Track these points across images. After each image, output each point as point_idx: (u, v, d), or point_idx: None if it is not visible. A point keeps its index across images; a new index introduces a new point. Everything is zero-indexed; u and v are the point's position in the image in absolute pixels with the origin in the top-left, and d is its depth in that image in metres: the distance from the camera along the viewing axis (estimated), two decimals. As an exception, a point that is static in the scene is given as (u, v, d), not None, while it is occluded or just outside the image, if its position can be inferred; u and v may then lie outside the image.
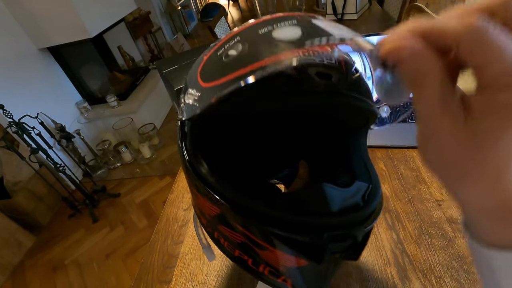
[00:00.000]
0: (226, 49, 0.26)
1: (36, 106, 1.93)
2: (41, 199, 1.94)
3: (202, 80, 0.27)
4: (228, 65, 0.25)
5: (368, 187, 0.35)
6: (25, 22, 1.92)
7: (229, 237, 0.32)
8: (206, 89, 0.26)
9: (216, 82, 0.25)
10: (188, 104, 0.29)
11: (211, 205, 0.30)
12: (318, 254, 0.28)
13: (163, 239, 0.66)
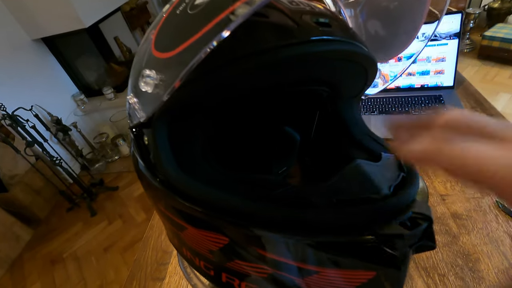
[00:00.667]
0: (189, 1, 0.20)
1: (31, 98, 1.89)
2: (38, 192, 1.93)
3: (159, 51, 0.20)
4: (196, 18, 0.18)
5: (393, 155, 0.27)
6: (18, 12, 1.87)
7: (251, 275, 0.22)
8: (169, 61, 0.19)
9: (181, 47, 0.18)
10: (144, 96, 0.21)
11: (215, 236, 0.21)
12: (395, 255, 0.19)
13: (157, 235, 0.64)
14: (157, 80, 0.19)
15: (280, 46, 0.21)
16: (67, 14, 1.84)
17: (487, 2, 2.37)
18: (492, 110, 0.70)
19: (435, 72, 0.79)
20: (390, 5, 0.27)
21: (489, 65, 2.09)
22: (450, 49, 0.76)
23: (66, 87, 2.27)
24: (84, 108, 2.28)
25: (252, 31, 0.21)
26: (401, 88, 0.83)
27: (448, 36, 0.75)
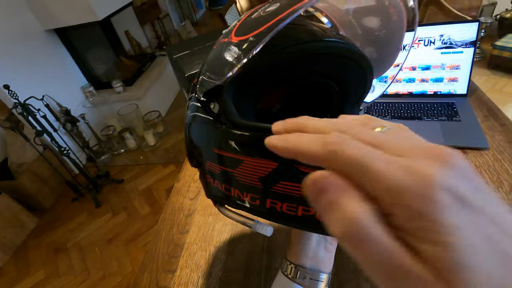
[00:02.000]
0: (263, 9, 0.28)
1: (42, 88, 1.91)
2: (45, 181, 1.95)
3: (239, 36, 0.27)
4: (270, 14, 0.25)
5: None
6: (32, 2, 1.89)
7: (291, 195, 0.26)
8: (247, 40, 0.25)
9: (259, 29, 0.25)
10: (224, 65, 0.28)
11: (266, 162, 0.26)
12: None
13: (168, 228, 0.65)
14: (237, 54, 0.26)
15: (312, 41, 0.31)
16: (81, 6, 1.86)
17: (499, 12, 2.36)
18: (505, 119, 0.71)
19: (449, 80, 0.80)
20: (380, 34, 0.35)
21: (499, 75, 2.08)
22: (465, 57, 0.76)
23: (76, 79, 2.29)
24: (92, 100, 2.30)
25: (294, 31, 0.31)
26: (414, 94, 0.84)
27: (464, 44, 0.75)
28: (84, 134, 2.18)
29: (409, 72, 0.83)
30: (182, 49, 0.74)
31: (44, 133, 1.65)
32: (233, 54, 0.26)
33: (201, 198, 0.70)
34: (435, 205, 0.11)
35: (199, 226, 0.63)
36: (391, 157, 0.13)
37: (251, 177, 0.27)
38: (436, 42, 0.77)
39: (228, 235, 0.60)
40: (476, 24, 0.73)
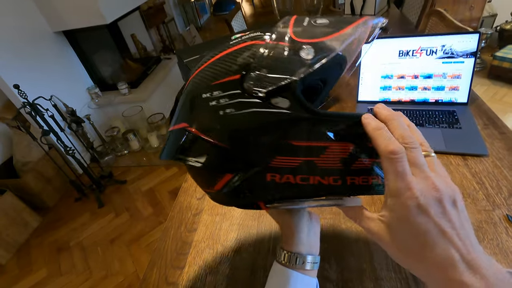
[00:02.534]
0: (312, 20, 0.32)
1: (49, 88, 1.94)
2: (49, 181, 1.97)
3: (306, 38, 0.30)
4: (335, 23, 0.31)
5: None
6: (42, 4, 1.93)
7: (364, 168, 0.31)
8: (322, 43, 0.29)
9: (332, 35, 0.29)
10: (296, 62, 0.30)
11: (344, 145, 0.30)
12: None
13: (176, 226, 0.67)
14: (312, 54, 0.29)
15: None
16: (91, 10, 1.90)
17: (500, 23, 2.40)
18: (504, 128, 0.73)
19: (450, 88, 0.82)
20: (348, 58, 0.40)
21: (499, 85, 2.11)
22: (466, 67, 0.79)
23: (82, 80, 2.32)
24: (98, 101, 2.33)
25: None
26: (416, 102, 0.86)
27: (465, 54, 0.78)
28: (89, 135, 2.21)
29: (411, 80, 0.85)
30: (192, 53, 0.77)
31: (50, 132, 1.67)
32: (309, 53, 0.30)
33: (207, 198, 0.72)
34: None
35: (207, 225, 0.65)
36: (413, 178, 0.24)
37: (334, 160, 0.31)
38: (438, 52, 0.80)
39: (235, 234, 0.62)
40: (476, 36, 0.75)
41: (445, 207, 0.22)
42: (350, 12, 1.54)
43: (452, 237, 0.22)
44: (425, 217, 0.22)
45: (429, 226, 0.22)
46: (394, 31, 1.38)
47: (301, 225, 0.39)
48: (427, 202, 0.22)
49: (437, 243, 0.22)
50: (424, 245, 0.22)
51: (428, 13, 1.31)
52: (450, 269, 0.21)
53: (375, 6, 1.46)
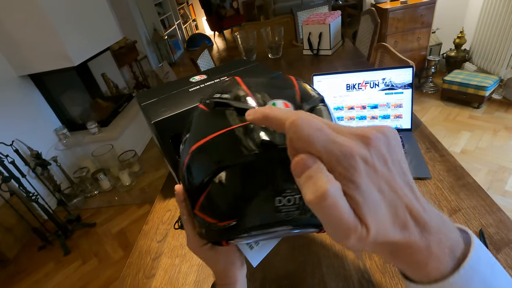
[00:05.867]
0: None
1: (12, 133, 1.88)
2: (9, 230, 1.84)
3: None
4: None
5: None
6: (6, 49, 1.93)
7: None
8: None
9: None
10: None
11: None
12: None
13: (134, 273, 0.65)
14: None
15: None
16: (57, 53, 1.91)
17: (445, 51, 2.66)
18: (444, 151, 0.79)
19: (395, 116, 0.89)
20: None
21: (451, 106, 2.30)
22: (406, 97, 0.87)
23: (49, 121, 2.27)
24: (66, 142, 2.27)
25: None
26: (367, 130, 0.92)
27: (403, 86, 0.86)
28: (56, 177, 2.12)
29: (360, 111, 0.92)
30: (149, 97, 0.79)
31: (11, 179, 1.59)
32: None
33: (168, 240, 0.71)
34: (349, 167, 0.17)
35: (166, 269, 0.64)
36: (332, 134, 0.18)
37: None
38: (380, 85, 0.88)
39: (194, 276, 0.61)
40: (410, 69, 0.84)
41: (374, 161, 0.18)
42: (308, 47, 1.66)
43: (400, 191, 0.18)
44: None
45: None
46: (349, 64, 1.49)
47: (243, 273, 0.42)
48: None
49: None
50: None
51: (376, 47, 1.45)
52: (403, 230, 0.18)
53: (330, 42, 1.59)
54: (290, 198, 0.28)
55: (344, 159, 0.17)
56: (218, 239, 0.33)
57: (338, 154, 0.17)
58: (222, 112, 0.30)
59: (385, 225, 0.18)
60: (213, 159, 0.28)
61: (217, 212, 0.30)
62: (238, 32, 1.72)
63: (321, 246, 0.60)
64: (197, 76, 0.89)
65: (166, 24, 5.26)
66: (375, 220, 0.17)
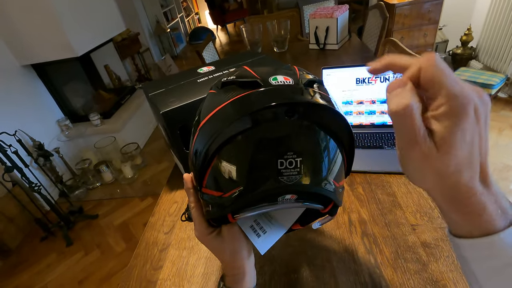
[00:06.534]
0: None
1: (15, 122, 1.87)
2: (12, 220, 1.84)
3: None
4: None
5: None
6: (9, 38, 1.91)
7: None
8: None
9: None
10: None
11: None
12: None
13: (141, 264, 0.64)
14: None
15: None
16: (60, 43, 1.89)
17: (451, 48, 2.64)
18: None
19: (405, 112, 0.88)
20: None
21: (457, 103, 2.28)
22: (417, 92, 0.85)
23: (52, 112, 2.26)
24: (68, 133, 2.26)
25: None
26: (376, 125, 0.91)
27: (414, 81, 0.85)
28: (58, 169, 2.11)
29: (369, 105, 0.91)
30: (158, 87, 0.78)
31: (14, 169, 1.59)
32: None
33: (175, 232, 0.70)
34: (464, 111, 0.20)
35: (173, 261, 0.63)
36: (458, 78, 0.21)
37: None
38: (390, 79, 0.86)
39: (202, 269, 0.60)
40: (422, 64, 0.82)
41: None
42: (315, 42, 1.64)
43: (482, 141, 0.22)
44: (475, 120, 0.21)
45: (480, 129, 0.21)
46: (355, 59, 1.47)
47: (250, 263, 0.42)
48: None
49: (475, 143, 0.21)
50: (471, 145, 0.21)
51: (384, 42, 1.43)
52: (468, 170, 0.21)
53: (337, 37, 1.57)
54: (291, 160, 0.28)
55: (463, 100, 0.20)
56: (224, 212, 0.33)
57: (459, 94, 0.20)
58: (227, 89, 0.32)
59: (461, 165, 0.21)
60: (215, 129, 0.29)
61: (222, 183, 0.31)
62: (243, 25, 1.69)
63: (331, 240, 0.59)
64: (205, 67, 0.88)
65: (169, 17, 5.21)
66: (455, 154, 0.21)
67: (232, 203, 0.31)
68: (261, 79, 0.30)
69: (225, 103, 0.30)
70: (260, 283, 0.54)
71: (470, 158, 0.21)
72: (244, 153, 0.29)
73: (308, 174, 0.30)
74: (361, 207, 0.65)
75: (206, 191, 0.34)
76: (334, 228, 0.62)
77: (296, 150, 0.29)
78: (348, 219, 0.63)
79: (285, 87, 0.30)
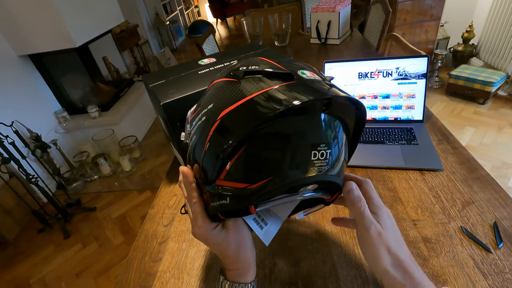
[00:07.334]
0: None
1: (12, 113, 1.85)
2: (9, 212, 1.83)
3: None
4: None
5: None
6: (6, 27, 1.87)
7: None
8: None
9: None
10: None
11: None
12: None
13: (140, 256, 0.64)
14: None
15: None
16: (58, 33, 1.86)
17: (453, 45, 2.63)
18: (456, 143, 0.78)
19: (407, 107, 0.87)
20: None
21: (456, 101, 2.28)
22: (419, 88, 0.85)
23: (49, 104, 2.24)
24: (66, 125, 2.24)
25: None
26: (377, 120, 0.91)
27: (417, 76, 0.84)
28: (55, 161, 2.10)
29: (371, 100, 0.90)
30: (158, 78, 0.77)
31: (11, 160, 1.57)
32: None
33: (175, 225, 0.70)
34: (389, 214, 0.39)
35: (173, 253, 0.63)
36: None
37: None
38: (393, 74, 0.86)
39: (202, 261, 0.60)
40: (425, 59, 0.82)
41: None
42: (316, 36, 1.62)
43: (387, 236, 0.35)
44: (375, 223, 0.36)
45: (378, 228, 0.35)
46: (357, 54, 1.46)
47: (254, 256, 0.41)
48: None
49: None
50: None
51: (386, 37, 1.41)
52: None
53: (339, 31, 1.55)
54: (323, 152, 0.30)
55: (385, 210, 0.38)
56: (246, 204, 0.32)
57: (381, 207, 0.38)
58: (252, 79, 0.31)
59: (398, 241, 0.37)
60: (253, 117, 0.28)
61: (249, 174, 0.30)
62: (244, 18, 1.67)
63: (332, 235, 0.59)
64: (206, 59, 0.87)
65: (168, 9, 5.15)
66: (390, 234, 0.36)
67: (258, 195, 0.30)
68: (291, 71, 0.31)
69: (260, 91, 0.29)
70: (261, 277, 0.54)
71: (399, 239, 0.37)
72: (280, 144, 0.29)
73: (334, 165, 0.32)
74: (362, 202, 0.65)
75: (224, 184, 0.32)
76: (334, 225, 0.61)
77: (326, 142, 0.30)
78: (349, 213, 0.63)
79: (319, 81, 0.31)
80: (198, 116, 0.34)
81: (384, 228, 0.35)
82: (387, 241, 0.34)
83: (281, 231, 0.55)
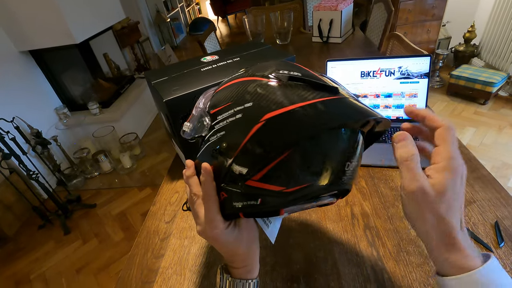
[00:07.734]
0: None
1: (12, 109, 1.85)
2: (9, 208, 1.83)
3: None
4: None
5: None
6: (7, 23, 1.87)
7: None
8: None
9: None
10: None
11: None
12: None
13: (142, 253, 0.64)
14: None
15: None
16: (59, 29, 1.86)
17: (454, 45, 2.62)
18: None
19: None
20: None
21: (456, 101, 2.28)
22: (421, 87, 0.85)
23: (50, 100, 2.23)
24: (66, 122, 2.24)
25: None
26: (379, 119, 0.91)
27: (419, 75, 0.84)
28: (56, 157, 2.10)
29: (373, 99, 0.90)
30: (161, 75, 0.77)
31: (11, 156, 1.57)
32: None
33: (177, 222, 0.70)
34: (458, 171, 0.28)
35: (174, 250, 0.63)
36: (457, 149, 0.29)
37: None
38: (396, 73, 0.86)
39: (204, 258, 0.60)
40: (428, 58, 0.82)
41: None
42: (318, 35, 1.62)
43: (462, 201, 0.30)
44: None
45: (462, 188, 0.29)
46: (359, 53, 1.46)
47: (258, 253, 0.42)
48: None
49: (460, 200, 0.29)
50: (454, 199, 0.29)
51: (388, 36, 1.41)
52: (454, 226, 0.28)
53: (341, 30, 1.55)
54: (354, 163, 0.33)
55: (458, 163, 0.28)
56: (279, 207, 0.34)
57: (457, 158, 0.28)
58: (297, 86, 0.31)
59: (451, 207, 0.28)
60: (307, 126, 0.29)
61: (291, 179, 0.31)
62: (246, 16, 1.67)
63: (333, 233, 0.60)
64: (209, 56, 0.87)
65: (169, 6, 5.13)
66: (448, 198, 0.28)
67: (292, 198, 0.31)
68: (333, 86, 0.33)
69: (314, 101, 0.30)
70: (262, 274, 0.54)
71: (456, 203, 0.28)
72: (323, 154, 0.31)
73: (353, 174, 0.34)
74: (363, 200, 0.65)
75: (257, 185, 0.31)
76: (337, 221, 0.62)
77: (357, 155, 0.34)
78: (350, 212, 0.63)
79: (356, 98, 0.34)
80: (228, 111, 0.32)
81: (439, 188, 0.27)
82: (433, 204, 0.28)
83: (283, 228, 0.56)
